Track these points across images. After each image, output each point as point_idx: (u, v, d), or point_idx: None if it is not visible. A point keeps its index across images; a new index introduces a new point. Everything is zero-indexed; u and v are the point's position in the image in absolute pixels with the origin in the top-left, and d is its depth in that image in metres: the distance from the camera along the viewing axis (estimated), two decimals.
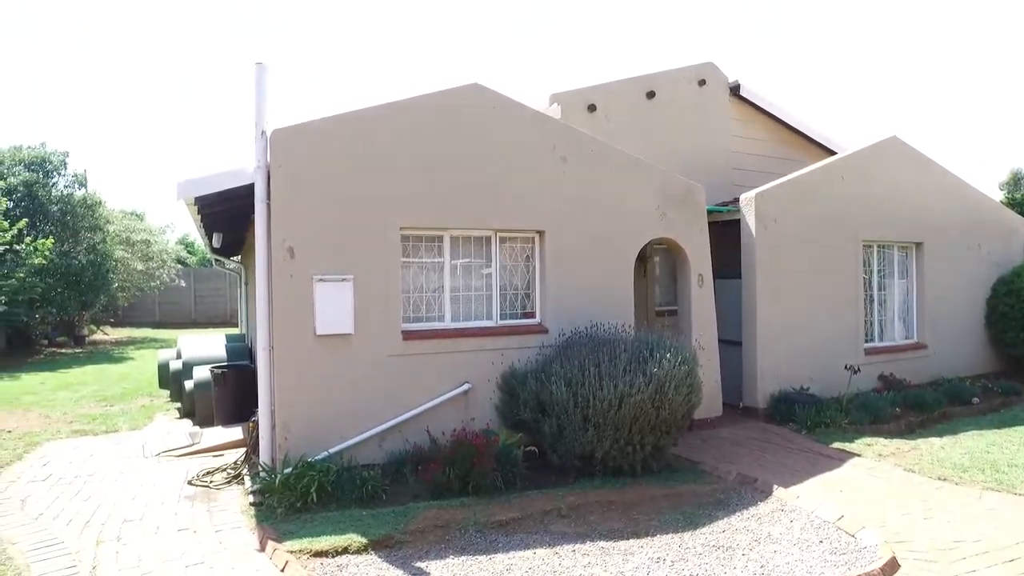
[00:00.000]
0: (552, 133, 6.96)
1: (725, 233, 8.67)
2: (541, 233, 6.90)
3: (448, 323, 6.54)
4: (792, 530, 4.78)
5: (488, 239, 6.77)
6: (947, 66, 56.10)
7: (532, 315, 6.98)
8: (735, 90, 10.46)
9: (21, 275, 14.95)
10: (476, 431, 5.81)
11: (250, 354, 10.18)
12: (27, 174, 17.83)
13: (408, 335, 6.21)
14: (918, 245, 10.10)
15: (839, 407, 7.85)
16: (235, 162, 6.07)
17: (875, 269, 9.74)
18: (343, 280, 5.85)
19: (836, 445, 7.01)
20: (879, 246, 9.77)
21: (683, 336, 7.72)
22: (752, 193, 8.41)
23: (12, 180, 17.26)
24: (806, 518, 4.99)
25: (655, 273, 9.51)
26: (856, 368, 8.38)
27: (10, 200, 16.62)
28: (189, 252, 27.53)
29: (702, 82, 10.10)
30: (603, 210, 7.13)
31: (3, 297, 14.53)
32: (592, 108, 9.04)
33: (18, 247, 15.22)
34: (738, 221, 8.51)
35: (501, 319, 6.81)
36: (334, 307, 5.80)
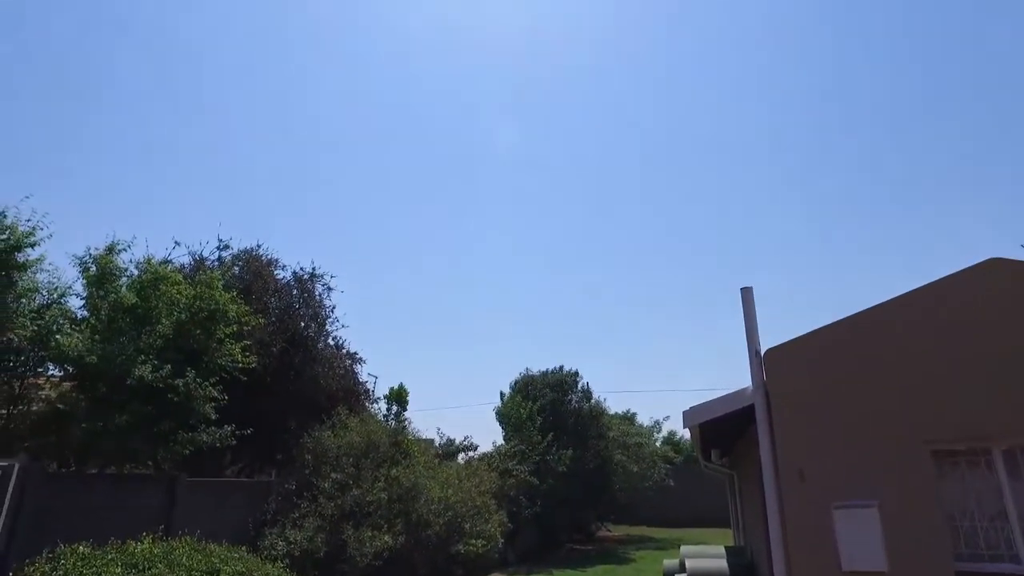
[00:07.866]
0: None
1: None
2: None
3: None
4: None
5: None
6: None
7: None
8: None
9: (551, 481, 17.89)
10: None
11: (751, 570, 9.63)
12: (552, 394, 21.95)
13: None
14: None
15: None
16: (729, 387, 6.29)
17: None
18: (866, 507, 5.16)
19: None
20: None
21: None
22: None
23: (542, 400, 21.41)
24: None
25: None
26: None
27: (540, 416, 20.52)
28: (675, 451, 28.80)
29: None
30: None
31: (538, 500, 17.44)
32: None
33: (548, 457, 18.41)
34: None
35: None
36: (859, 539, 5.11)
